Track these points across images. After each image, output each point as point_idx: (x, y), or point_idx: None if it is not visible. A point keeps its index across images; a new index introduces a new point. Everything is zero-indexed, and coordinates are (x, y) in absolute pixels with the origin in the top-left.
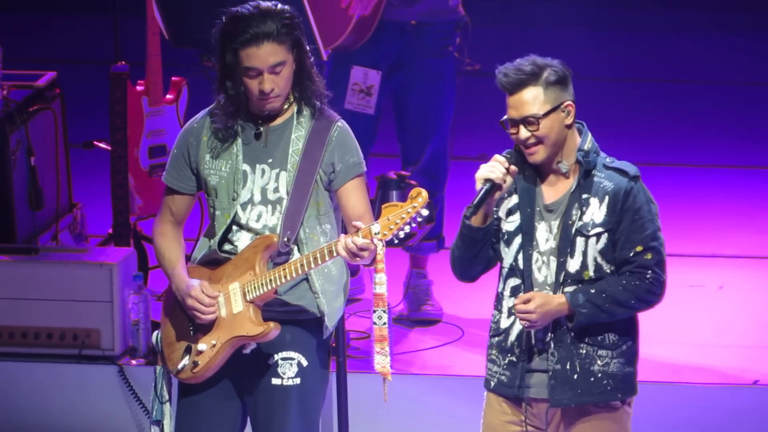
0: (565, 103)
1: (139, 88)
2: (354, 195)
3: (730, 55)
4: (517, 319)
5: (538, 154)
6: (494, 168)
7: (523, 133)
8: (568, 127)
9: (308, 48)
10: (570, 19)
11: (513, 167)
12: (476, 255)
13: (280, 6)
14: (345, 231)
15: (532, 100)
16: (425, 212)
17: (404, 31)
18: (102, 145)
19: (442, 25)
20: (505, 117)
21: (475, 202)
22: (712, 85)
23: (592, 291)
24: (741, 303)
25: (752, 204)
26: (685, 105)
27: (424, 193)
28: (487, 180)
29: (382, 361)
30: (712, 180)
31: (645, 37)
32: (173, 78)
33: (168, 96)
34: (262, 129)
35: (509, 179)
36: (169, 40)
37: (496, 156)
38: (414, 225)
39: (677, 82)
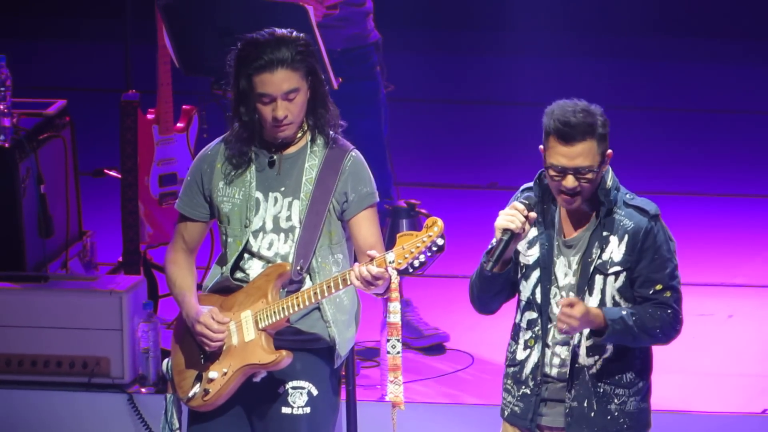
0: (608, 153)
1: (149, 116)
2: (366, 225)
3: (742, 83)
4: (533, 352)
5: (577, 203)
6: (514, 218)
7: (571, 182)
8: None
9: (323, 77)
10: (577, 48)
11: (532, 214)
12: (497, 294)
13: (295, 34)
14: (356, 260)
15: (587, 151)
16: (440, 241)
17: (333, 60)
18: (112, 173)
19: (366, 47)
20: (550, 162)
21: (496, 254)
22: (722, 113)
23: (624, 311)
24: (751, 332)
25: (763, 233)
26: (695, 133)
27: (440, 222)
28: (506, 230)
29: (395, 390)
30: (722, 209)
31: (654, 66)
32: (184, 106)
33: (178, 124)
34: (275, 157)
35: (527, 227)
36: (180, 69)
37: (515, 204)
38: (429, 254)
39: (687, 111)
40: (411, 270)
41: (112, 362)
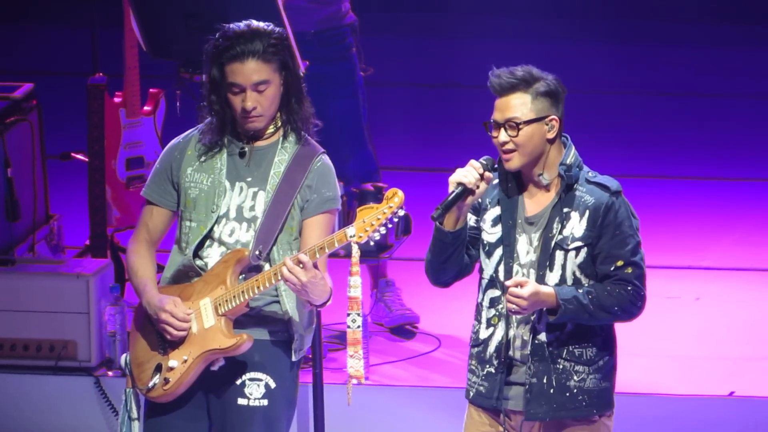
0: (550, 117)
1: (116, 99)
2: (317, 231)
3: (710, 67)
4: (497, 330)
5: (513, 162)
6: (468, 173)
7: (503, 136)
8: (550, 141)
9: (299, 73)
10: (552, 33)
11: (488, 174)
12: (447, 260)
13: (271, 27)
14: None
15: (518, 105)
16: (401, 212)
17: (305, 42)
18: (79, 156)
19: (340, 28)
20: (491, 119)
21: (443, 203)
22: (689, 97)
23: (580, 290)
24: (717, 314)
25: (729, 216)
26: (661, 117)
27: (401, 194)
28: (459, 184)
29: (355, 364)
30: (689, 192)
31: (620, 50)
32: (151, 90)
33: (145, 108)
34: (246, 148)
35: (483, 185)
36: (146, 52)
37: (472, 161)
38: (390, 226)
39: (653, 94)
40: (372, 242)
41: (79, 346)
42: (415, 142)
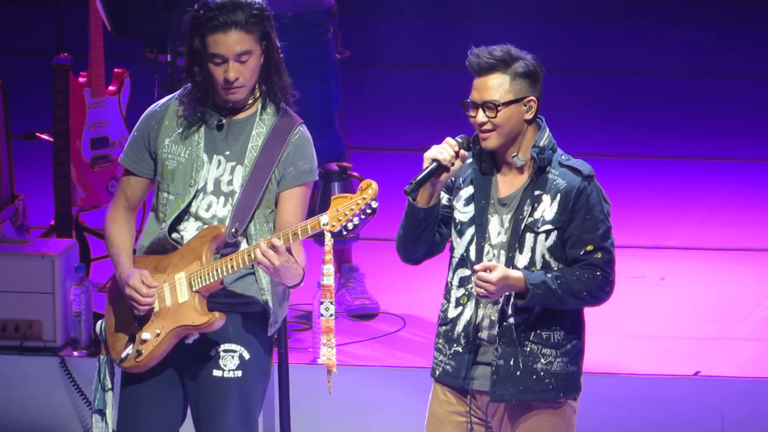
0: (528, 98)
1: (81, 79)
2: (293, 205)
3: (674, 46)
4: (466, 309)
5: (490, 141)
6: (443, 149)
7: (481, 117)
8: (528, 122)
9: (278, 44)
10: (515, 12)
11: (463, 152)
12: (418, 236)
13: None
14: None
15: (496, 86)
16: (374, 204)
17: (282, 24)
18: (44, 136)
19: (318, 13)
20: (468, 99)
21: (416, 178)
22: (654, 76)
23: (549, 275)
24: (682, 294)
25: (694, 195)
26: (627, 96)
27: (374, 185)
28: (434, 160)
29: (328, 353)
30: (654, 172)
31: (587, 30)
32: (115, 70)
33: (110, 87)
34: (224, 121)
35: (458, 163)
36: (111, 32)
37: (448, 138)
38: (363, 217)
39: (618, 73)
40: (345, 232)
41: (44, 325)
42: (363, 121)
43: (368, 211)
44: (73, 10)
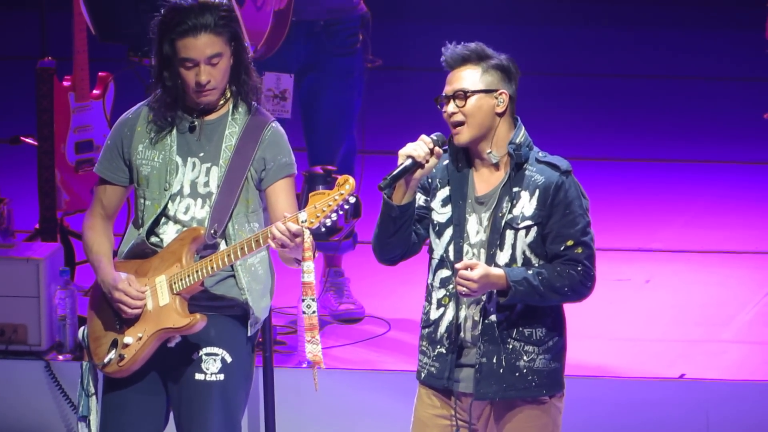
0: (500, 91)
1: (65, 83)
2: (283, 195)
3: (656, 49)
4: (447, 310)
5: (462, 135)
6: (418, 146)
7: (451, 107)
8: (499, 115)
9: (246, 44)
10: (496, 15)
11: (438, 149)
12: (393, 235)
13: (218, 0)
14: None
15: (467, 77)
16: (352, 199)
17: (313, 32)
18: (28, 140)
19: (350, 22)
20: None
21: (391, 174)
22: (638, 79)
23: (530, 271)
24: (667, 297)
25: (679, 198)
26: (612, 99)
27: (352, 181)
28: (408, 156)
29: (313, 349)
30: (639, 174)
31: (571, 33)
32: (100, 73)
33: (95, 91)
34: (196, 122)
35: (433, 160)
36: (95, 36)
37: (423, 136)
38: (341, 212)
39: (602, 76)
40: (324, 229)
41: (29, 329)
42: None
43: (346, 206)
44: (58, 14)
